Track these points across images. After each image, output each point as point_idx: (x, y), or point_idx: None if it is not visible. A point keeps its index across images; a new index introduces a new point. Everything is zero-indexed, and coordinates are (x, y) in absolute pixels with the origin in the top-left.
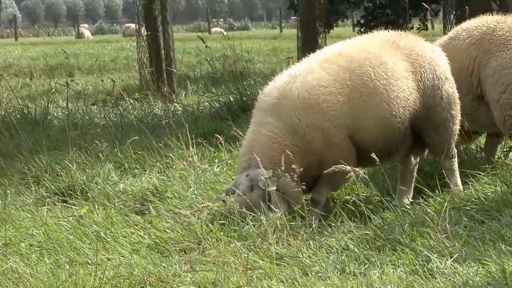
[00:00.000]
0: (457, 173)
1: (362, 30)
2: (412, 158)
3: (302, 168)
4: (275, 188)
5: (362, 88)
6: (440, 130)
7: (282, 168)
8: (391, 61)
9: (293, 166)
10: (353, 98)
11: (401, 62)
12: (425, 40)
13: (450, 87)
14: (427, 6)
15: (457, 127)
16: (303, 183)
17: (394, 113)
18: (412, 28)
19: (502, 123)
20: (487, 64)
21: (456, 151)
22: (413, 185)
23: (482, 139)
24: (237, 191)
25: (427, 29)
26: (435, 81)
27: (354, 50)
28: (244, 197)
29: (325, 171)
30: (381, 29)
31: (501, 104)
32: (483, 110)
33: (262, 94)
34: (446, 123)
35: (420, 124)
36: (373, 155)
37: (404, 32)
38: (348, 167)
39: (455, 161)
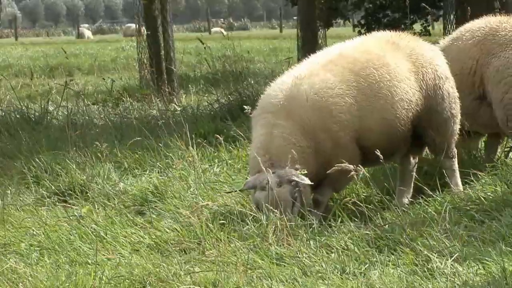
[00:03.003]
0: (457, 173)
1: (362, 31)
2: (411, 158)
3: (313, 169)
4: (311, 182)
5: (367, 90)
6: (441, 129)
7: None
8: (393, 62)
9: (298, 166)
10: (360, 100)
11: (403, 62)
12: (425, 41)
13: (450, 87)
14: (429, 9)
15: (457, 126)
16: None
17: (398, 114)
18: (414, 33)
19: (504, 123)
20: (490, 64)
21: (456, 151)
22: (412, 185)
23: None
24: (252, 189)
25: (429, 34)
26: (437, 81)
27: (356, 51)
28: (272, 191)
29: (328, 172)
30: (381, 30)
31: (504, 104)
32: (484, 110)
33: (267, 96)
34: (447, 122)
35: (421, 124)
36: (377, 152)
37: (403, 32)
38: (351, 167)
39: (455, 161)
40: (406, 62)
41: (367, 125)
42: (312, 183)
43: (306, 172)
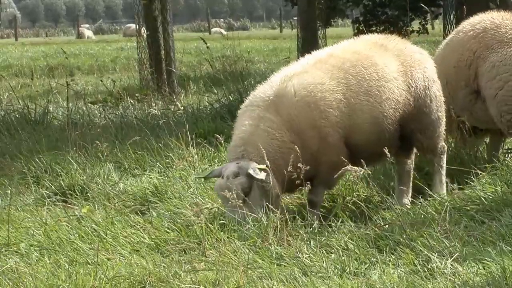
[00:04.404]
0: (444, 170)
1: (361, 28)
2: (405, 158)
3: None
4: (263, 178)
5: (357, 87)
6: (428, 132)
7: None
8: (381, 62)
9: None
10: (349, 97)
11: (392, 63)
12: (426, 41)
13: (437, 90)
14: (427, 8)
15: (443, 128)
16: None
17: (386, 113)
18: (412, 31)
19: (499, 120)
20: (487, 58)
21: (445, 148)
22: (411, 184)
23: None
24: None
25: (427, 32)
26: (425, 83)
27: (345, 52)
28: (227, 181)
29: (335, 175)
30: (380, 27)
31: (498, 100)
32: (480, 105)
33: (257, 91)
34: (434, 124)
35: (409, 126)
36: (385, 150)
37: (391, 35)
38: (356, 168)
39: (444, 157)
40: (394, 63)
41: (356, 123)
42: (263, 178)
43: (265, 166)
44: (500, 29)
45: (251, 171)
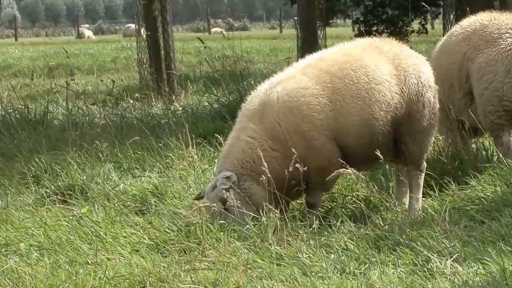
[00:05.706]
0: (421, 188)
1: (362, 28)
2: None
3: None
4: (226, 187)
5: (344, 90)
6: (417, 138)
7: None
8: (373, 64)
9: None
10: (335, 101)
11: (385, 65)
12: (426, 41)
13: (432, 96)
14: (428, 7)
15: (432, 139)
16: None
17: (376, 116)
18: (412, 31)
19: (483, 119)
20: (475, 59)
21: (425, 166)
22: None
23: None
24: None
25: (427, 32)
26: (419, 87)
27: (336, 54)
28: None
29: (327, 179)
30: (381, 27)
31: (484, 100)
32: (475, 106)
33: (247, 102)
34: (424, 131)
35: (401, 130)
36: (377, 152)
37: (390, 37)
38: (350, 171)
39: (423, 175)
40: (387, 66)
41: (344, 125)
42: (226, 187)
43: (231, 174)
44: (487, 29)
45: (218, 184)
